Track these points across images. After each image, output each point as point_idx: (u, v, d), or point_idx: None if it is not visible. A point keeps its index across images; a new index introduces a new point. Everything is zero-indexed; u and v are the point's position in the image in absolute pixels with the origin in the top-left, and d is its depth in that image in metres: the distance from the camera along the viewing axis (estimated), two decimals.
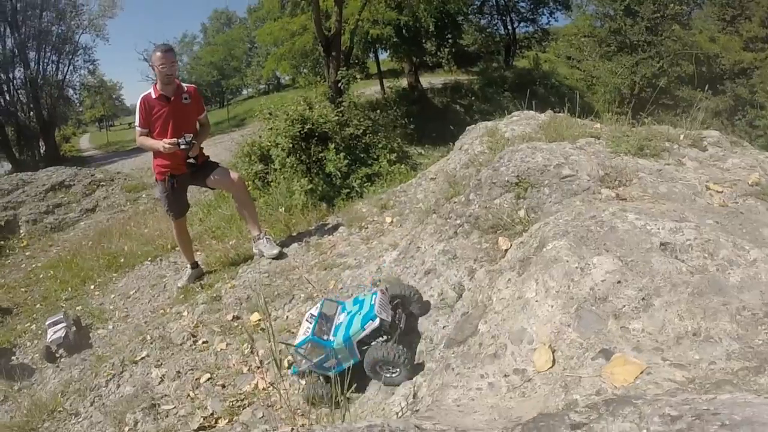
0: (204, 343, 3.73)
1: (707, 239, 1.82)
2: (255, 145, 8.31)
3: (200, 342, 3.74)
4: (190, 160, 4.49)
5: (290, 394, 2.83)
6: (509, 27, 30.24)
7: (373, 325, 2.40)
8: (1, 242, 8.39)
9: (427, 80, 25.94)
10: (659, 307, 1.64)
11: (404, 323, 2.59)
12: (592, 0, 23.47)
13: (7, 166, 22.93)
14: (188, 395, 3.21)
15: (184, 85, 4.55)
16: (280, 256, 4.67)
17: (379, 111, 10.86)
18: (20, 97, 26.20)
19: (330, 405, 2.43)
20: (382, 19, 17.33)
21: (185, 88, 4.53)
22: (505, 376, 1.66)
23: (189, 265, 5.12)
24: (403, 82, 23.26)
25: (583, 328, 1.65)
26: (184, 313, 4.20)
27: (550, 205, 2.69)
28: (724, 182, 2.71)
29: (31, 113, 26.14)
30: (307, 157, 7.65)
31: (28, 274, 7.15)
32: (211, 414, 2.99)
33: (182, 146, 4.27)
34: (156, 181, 4.76)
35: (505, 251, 2.50)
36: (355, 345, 2.43)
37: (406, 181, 6.46)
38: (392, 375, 2.36)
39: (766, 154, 3.14)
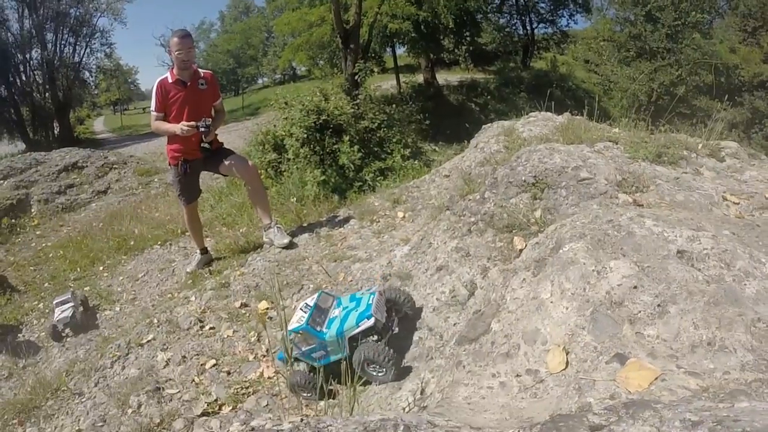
0: (211, 329, 3.73)
1: (724, 249, 1.79)
2: (269, 134, 8.29)
3: (207, 328, 3.74)
4: (205, 145, 4.48)
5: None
6: (528, 27, 30.02)
7: (368, 323, 2.46)
8: (13, 221, 8.43)
9: (444, 77, 25.84)
10: (675, 315, 1.61)
11: (397, 326, 2.66)
12: (612, 4, 23.22)
13: (21, 146, 23.11)
14: (193, 380, 3.21)
15: (200, 70, 4.54)
16: (290, 246, 4.66)
17: (394, 105, 10.81)
18: (36, 78, 26.34)
19: (313, 395, 2.61)
20: (401, 14, 17.23)
21: (201, 74, 4.53)
22: (517, 376, 1.64)
23: (198, 251, 5.13)
24: (419, 78, 23.20)
25: (598, 332, 1.63)
26: (192, 299, 4.20)
27: (566, 207, 2.66)
28: (741, 194, 2.68)
29: (47, 94, 26.25)
30: (321, 149, 7.62)
31: (37, 253, 7.19)
32: (215, 400, 2.99)
33: (201, 129, 4.27)
34: (169, 165, 4.77)
35: (520, 251, 2.48)
36: (347, 340, 2.49)
37: (420, 176, 6.43)
38: (378, 374, 2.44)
39: None
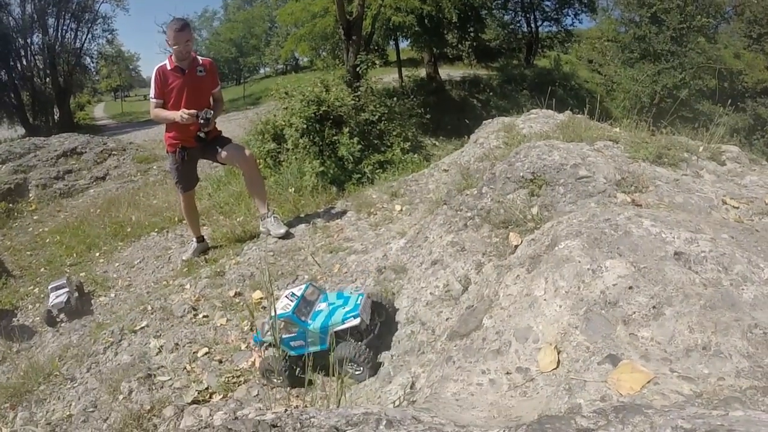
0: (204, 317, 3.72)
1: (722, 253, 1.77)
2: (269, 123, 8.25)
3: (201, 316, 3.74)
4: (201, 134, 4.46)
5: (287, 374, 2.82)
6: (532, 25, 29.84)
7: (353, 322, 2.53)
8: (10, 205, 8.39)
9: (446, 72, 25.70)
10: (670, 317, 1.59)
11: (378, 330, 2.72)
12: (618, 4, 23.11)
13: (21, 131, 23.00)
14: (185, 368, 3.21)
15: (199, 58, 4.51)
16: (287, 236, 4.65)
17: (396, 99, 10.78)
18: (37, 63, 26.16)
19: (284, 381, 2.72)
20: (405, 7, 17.11)
21: (200, 61, 4.49)
22: (507, 374, 1.63)
23: (195, 239, 5.12)
24: (422, 72, 23.08)
25: (591, 332, 1.61)
26: (187, 286, 4.19)
27: (564, 204, 2.65)
28: (741, 198, 2.66)
29: (47, 79, 26.11)
30: (321, 140, 7.59)
31: (34, 238, 7.16)
32: (206, 388, 2.99)
33: (201, 120, 4.25)
34: (167, 152, 4.74)
35: (515, 247, 2.46)
36: (329, 335, 2.55)
37: (419, 170, 6.41)
38: (355, 372, 2.51)
39: None
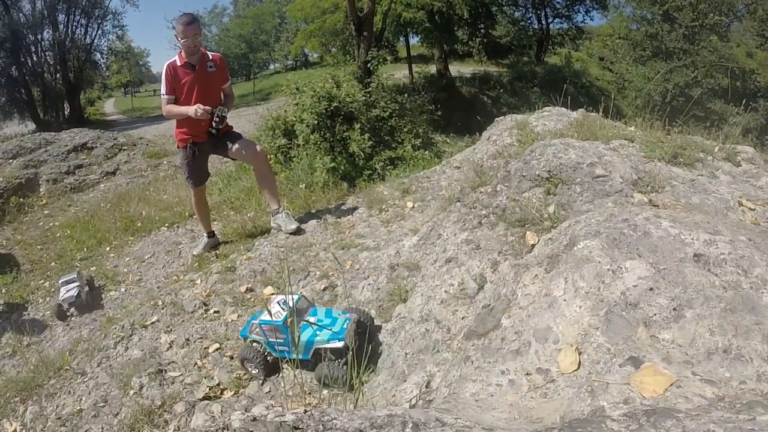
0: (215, 312, 3.71)
1: (741, 255, 1.73)
2: (280, 119, 8.24)
3: (211, 311, 3.73)
4: (212, 131, 4.45)
5: (300, 371, 2.82)
6: (543, 22, 29.66)
7: (337, 344, 2.68)
8: (21, 200, 8.44)
9: (456, 69, 25.59)
10: (690, 320, 1.56)
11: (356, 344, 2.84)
12: (630, 1, 22.89)
13: (31, 126, 23.08)
14: (196, 364, 3.20)
15: (209, 53, 4.50)
16: (298, 232, 4.64)
17: (406, 95, 10.74)
18: (47, 58, 26.17)
19: (260, 372, 2.93)
20: (416, 3, 17.07)
21: (210, 56, 4.48)
22: (527, 375, 1.60)
23: (205, 234, 5.12)
24: (432, 69, 23.01)
25: (612, 333, 1.58)
26: (198, 282, 4.19)
27: (581, 203, 2.61)
28: (757, 200, 2.62)
29: (58, 75, 26.16)
30: (332, 135, 7.57)
31: (45, 232, 7.20)
32: (218, 384, 2.98)
33: (216, 118, 4.26)
34: (177, 148, 4.75)
35: (532, 246, 2.43)
36: (313, 350, 2.75)
37: (430, 167, 6.38)
38: (333, 387, 2.61)
39: None
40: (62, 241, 6.62)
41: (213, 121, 4.29)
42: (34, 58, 25.45)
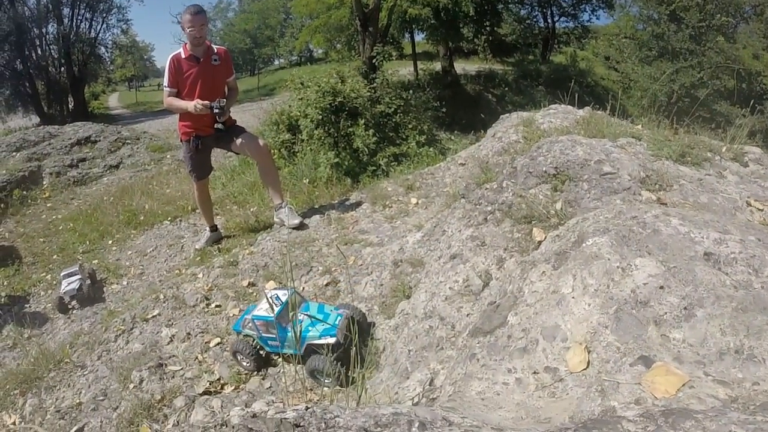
0: (217, 306, 3.69)
1: (752, 255, 1.69)
2: (284, 114, 8.19)
3: (213, 305, 3.71)
4: (218, 126, 4.42)
5: (302, 367, 2.80)
6: (549, 20, 29.52)
7: (329, 340, 2.69)
8: (24, 192, 8.44)
9: (462, 66, 25.50)
10: (701, 319, 1.52)
11: (348, 344, 2.80)
12: (636, 1, 22.76)
13: (35, 119, 23.14)
14: (196, 358, 3.18)
15: (214, 46, 4.46)
16: (301, 227, 4.60)
17: (411, 92, 10.67)
18: (52, 52, 26.21)
19: (250, 364, 2.95)
20: None
21: (215, 50, 4.45)
22: (534, 373, 1.56)
23: (208, 228, 5.10)
24: (437, 66, 22.93)
25: (622, 332, 1.54)
26: (200, 276, 4.17)
27: (588, 200, 2.57)
28: (766, 201, 2.58)
29: (62, 69, 26.19)
30: (336, 131, 7.53)
31: (47, 225, 7.19)
32: (218, 379, 2.97)
33: (215, 110, 4.21)
34: (181, 141, 4.72)
35: (539, 243, 2.39)
36: (305, 345, 2.76)
37: (434, 164, 6.34)
38: (324, 381, 2.65)
39: None
40: (65, 234, 6.61)
41: (214, 113, 4.25)
42: (39, 52, 25.50)
